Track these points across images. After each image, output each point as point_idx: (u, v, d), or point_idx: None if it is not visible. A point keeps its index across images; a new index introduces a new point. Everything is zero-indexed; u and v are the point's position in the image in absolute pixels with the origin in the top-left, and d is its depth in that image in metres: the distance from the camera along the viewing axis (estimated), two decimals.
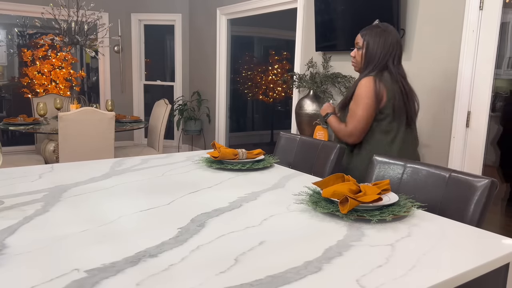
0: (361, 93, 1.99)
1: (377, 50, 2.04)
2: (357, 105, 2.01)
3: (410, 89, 2.07)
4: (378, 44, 2.04)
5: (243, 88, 6.50)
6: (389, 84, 2.00)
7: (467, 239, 1.04)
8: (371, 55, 2.05)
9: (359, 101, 2.00)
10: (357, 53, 2.11)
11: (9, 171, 1.57)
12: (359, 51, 2.10)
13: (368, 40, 2.07)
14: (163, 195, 1.32)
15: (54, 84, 5.54)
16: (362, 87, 1.99)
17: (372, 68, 2.04)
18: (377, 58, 2.05)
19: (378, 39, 2.05)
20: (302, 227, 1.08)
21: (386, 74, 2.03)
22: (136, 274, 0.79)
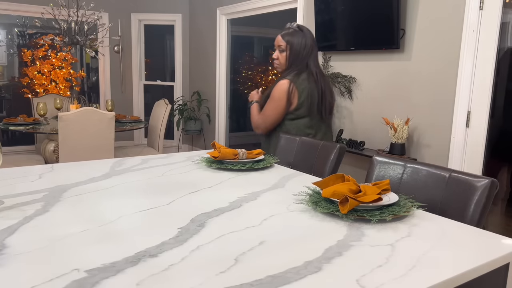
0: (274, 94, 2.17)
1: (300, 52, 2.18)
2: (269, 104, 2.21)
3: (327, 86, 2.24)
4: (301, 46, 2.18)
5: (243, 88, 6.49)
6: (305, 85, 2.15)
7: (467, 239, 1.04)
8: (295, 57, 2.19)
9: (271, 101, 2.20)
10: (280, 55, 2.22)
11: (9, 171, 1.57)
12: (282, 53, 2.21)
13: (291, 42, 2.18)
14: (163, 195, 1.32)
15: (54, 84, 5.54)
16: (276, 89, 2.16)
17: (296, 68, 2.18)
18: (300, 59, 2.19)
19: (299, 41, 2.18)
20: (302, 227, 1.08)
21: (304, 75, 2.17)
22: (136, 274, 0.79)
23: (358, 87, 3.37)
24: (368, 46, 3.20)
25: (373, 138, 3.24)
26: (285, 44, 2.19)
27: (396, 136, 2.84)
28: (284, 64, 2.22)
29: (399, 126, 2.84)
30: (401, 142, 2.84)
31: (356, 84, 3.38)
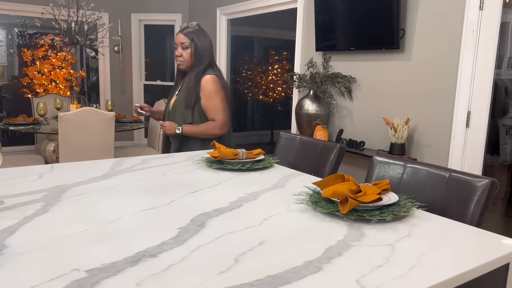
0: (212, 88, 2.21)
1: (206, 49, 2.26)
2: (212, 99, 2.23)
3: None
4: (206, 44, 2.27)
5: (243, 88, 6.49)
6: (224, 78, 2.30)
7: (467, 239, 1.04)
8: (202, 54, 2.25)
9: (214, 95, 2.23)
10: (184, 52, 2.25)
11: (9, 171, 1.57)
12: (185, 50, 2.25)
13: (195, 40, 2.24)
14: (163, 195, 1.32)
15: (54, 84, 5.54)
16: (210, 84, 2.21)
17: (204, 65, 2.25)
18: (207, 56, 2.27)
19: (203, 38, 2.26)
20: (302, 227, 1.08)
21: (216, 71, 2.29)
22: (136, 274, 0.79)
23: (358, 87, 3.37)
24: (368, 46, 3.20)
25: (373, 138, 3.24)
26: (189, 41, 2.23)
27: (396, 136, 2.84)
28: (189, 60, 2.26)
29: (399, 126, 2.84)
30: (401, 142, 2.84)
31: (356, 84, 3.38)
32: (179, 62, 2.28)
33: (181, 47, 2.25)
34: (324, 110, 3.47)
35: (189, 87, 2.25)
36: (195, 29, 2.26)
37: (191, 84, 2.25)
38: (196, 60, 2.25)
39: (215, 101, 2.23)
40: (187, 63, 2.27)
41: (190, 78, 2.26)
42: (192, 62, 2.26)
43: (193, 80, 2.24)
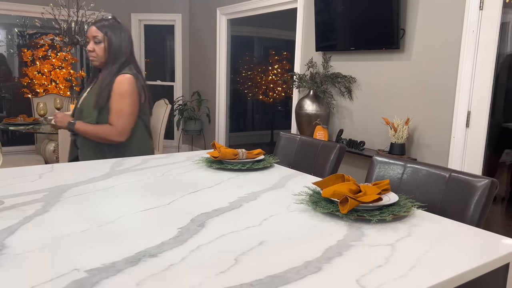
0: (124, 90, 2.00)
1: (123, 44, 2.06)
2: (121, 102, 2.01)
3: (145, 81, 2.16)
4: (123, 39, 2.07)
5: (243, 88, 6.49)
6: (142, 80, 2.09)
7: (467, 239, 1.04)
8: (118, 50, 2.05)
9: (124, 98, 2.01)
10: (97, 47, 2.05)
11: (9, 171, 1.57)
12: (98, 45, 2.05)
13: (109, 34, 2.04)
14: (163, 195, 1.32)
15: (54, 84, 5.53)
16: (124, 85, 2.00)
17: (120, 63, 2.05)
18: (123, 52, 2.06)
19: (119, 33, 2.06)
20: (302, 227, 1.08)
21: (134, 70, 2.08)
22: (136, 274, 0.79)
23: (358, 87, 3.37)
24: (368, 46, 3.20)
25: (373, 138, 3.24)
26: (102, 35, 2.03)
27: (396, 136, 2.84)
28: (102, 56, 2.06)
29: (399, 126, 2.84)
30: (401, 142, 2.84)
31: (356, 84, 3.38)
32: (92, 58, 2.07)
33: (94, 41, 2.04)
34: (324, 110, 3.47)
35: (102, 85, 2.03)
36: (110, 22, 2.07)
37: (104, 82, 2.03)
38: (110, 56, 2.04)
39: (123, 104, 2.01)
40: (101, 59, 2.06)
41: (104, 76, 2.05)
42: (106, 58, 2.05)
43: (107, 79, 2.03)
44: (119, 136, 2.01)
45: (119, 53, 2.05)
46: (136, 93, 2.03)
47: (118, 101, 2.01)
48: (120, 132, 2.01)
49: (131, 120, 2.04)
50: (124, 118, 2.01)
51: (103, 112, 2.02)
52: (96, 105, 2.01)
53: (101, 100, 2.01)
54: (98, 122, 2.02)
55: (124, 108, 2.01)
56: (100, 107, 2.01)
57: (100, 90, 2.02)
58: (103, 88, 2.01)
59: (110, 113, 2.01)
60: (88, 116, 2.04)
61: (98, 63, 2.08)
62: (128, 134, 2.04)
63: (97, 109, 2.02)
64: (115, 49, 2.04)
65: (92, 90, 2.09)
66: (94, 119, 2.02)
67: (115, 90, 2.00)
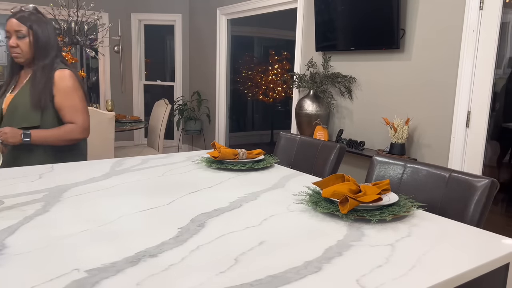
0: (69, 85, 1.89)
1: (51, 37, 1.92)
2: (71, 98, 1.89)
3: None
4: (50, 31, 1.92)
5: (243, 88, 6.50)
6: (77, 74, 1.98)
7: (467, 239, 1.04)
8: (47, 44, 1.90)
9: (72, 93, 1.90)
10: (21, 42, 1.86)
11: (9, 171, 1.57)
12: (22, 39, 1.85)
13: (35, 27, 1.86)
14: (163, 195, 1.32)
15: None
16: (67, 80, 1.88)
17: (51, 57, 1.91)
18: (52, 46, 1.92)
19: (45, 25, 1.91)
20: (302, 227, 1.08)
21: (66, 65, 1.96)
22: (136, 274, 0.79)
23: (358, 87, 3.37)
24: (368, 46, 3.20)
25: (373, 138, 3.24)
26: (26, 28, 1.84)
27: (396, 136, 2.84)
28: (28, 52, 1.87)
29: (399, 126, 2.84)
30: (401, 142, 2.84)
31: (356, 84, 3.38)
32: (16, 55, 1.88)
33: (16, 36, 1.85)
34: (324, 110, 3.47)
35: (38, 84, 1.85)
36: (33, 13, 1.88)
37: (40, 80, 1.86)
38: (39, 52, 1.88)
39: (74, 100, 1.89)
40: (26, 55, 1.88)
41: (36, 74, 1.87)
42: (33, 54, 1.88)
43: (41, 76, 1.86)
44: (83, 132, 1.93)
45: (48, 47, 1.90)
46: (80, 87, 1.94)
47: (67, 98, 1.89)
48: (83, 128, 1.93)
49: (87, 114, 1.96)
50: (82, 113, 1.93)
51: (47, 112, 1.88)
52: (37, 105, 1.84)
53: (43, 99, 1.85)
54: (42, 124, 1.87)
55: (77, 104, 1.91)
56: (43, 107, 1.85)
57: (37, 89, 1.85)
58: (42, 86, 1.85)
59: (64, 112, 1.89)
60: (25, 119, 1.85)
61: (23, 60, 1.89)
62: (89, 129, 1.97)
63: (40, 110, 1.85)
64: (43, 44, 1.88)
65: (23, 90, 1.89)
66: (37, 121, 1.86)
67: (59, 87, 1.87)
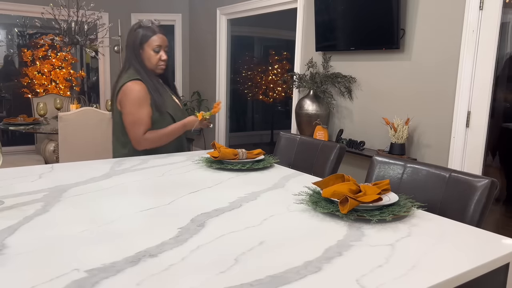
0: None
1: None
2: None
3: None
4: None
5: (243, 88, 6.49)
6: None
7: (467, 239, 1.04)
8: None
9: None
10: (166, 55, 2.08)
11: (9, 171, 1.57)
12: (167, 52, 2.09)
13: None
14: (163, 195, 1.32)
15: (54, 84, 5.53)
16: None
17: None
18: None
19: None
20: (302, 227, 1.08)
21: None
22: (136, 274, 0.79)
23: (358, 87, 3.37)
24: (368, 46, 3.20)
25: (373, 138, 3.24)
26: (167, 43, 2.10)
27: (396, 136, 2.84)
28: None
29: (399, 126, 2.84)
30: (401, 142, 2.84)
31: (356, 84, 3.38)
32: (164, 67, 2.08)
33: (165, 50, 2.07)
34: (324, 110, 3.47)
35: (172, 82, 2.22)
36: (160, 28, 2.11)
37: (174, 85, 2.23)
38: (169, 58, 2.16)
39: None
40: (167, 64, 2.12)
41: (170, 81, 2.21)
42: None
43: (170, 76, 2.22)
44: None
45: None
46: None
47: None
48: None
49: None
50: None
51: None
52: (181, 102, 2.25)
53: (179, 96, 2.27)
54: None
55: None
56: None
57: (176, 89, 2.26)
58: (176, 90, 2.25)
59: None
60: (185, 114, 2.20)
61: (164, 71, 2.11)
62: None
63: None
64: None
65: (174, 93, 2.20)
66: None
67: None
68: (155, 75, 2.07)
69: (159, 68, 2.06)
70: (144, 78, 2.00)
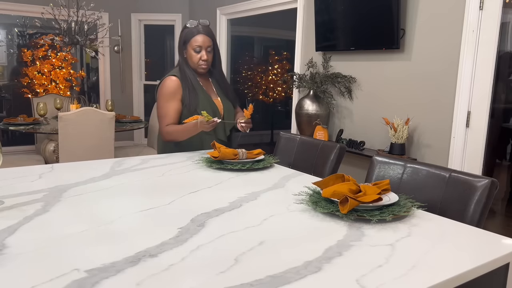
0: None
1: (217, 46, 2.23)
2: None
3: None
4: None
5: (243, 88, 6.49)
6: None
7: (467, 239, 1.04)
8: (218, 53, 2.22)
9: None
10: (209, 55, 2.13)
11: (9, 171, 1.57)
12: (210, 53, 2.13)
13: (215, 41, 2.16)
14: (163, 195, 1.32)
15: (54, 84, 5.54)
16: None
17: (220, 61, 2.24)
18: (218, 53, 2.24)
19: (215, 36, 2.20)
20: (302, 227, 1.08)
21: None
22: (136, 274, 0.79)
23: (358, 87, 3.37)
24: (368, 46, 3.19)
25: (373, 138, 3.24)
26: (212, 43, 2.12)
27: (396, 136, 2.84)
28: (210, 62, 2.16)
29: (399, 126, 2.84)
30: (401, 142, 2.84)
31: (356, 84, 3.38)
32: (205, 66, 2.13)
33: (206, 51, 2.10)
34: (324, 110, 3.47)
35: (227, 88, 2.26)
36: (210, 28, 2.15)
37: (226, 85, 2.26)
38: (215, 60, 2.20)
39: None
40: (209, 65, 2.16)
41: (220, 80, 2.24)
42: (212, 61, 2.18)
43: (224, 81, 2.26)
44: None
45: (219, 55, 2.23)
46: None
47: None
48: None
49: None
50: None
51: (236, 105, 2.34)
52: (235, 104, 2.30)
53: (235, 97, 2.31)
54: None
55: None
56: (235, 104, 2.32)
57: (230, 91, 2.28)
58: (230, 89, 2.29)
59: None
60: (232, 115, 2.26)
61: (206, 70, 2.16)
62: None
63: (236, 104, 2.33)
64: (218, 53, 2.21)
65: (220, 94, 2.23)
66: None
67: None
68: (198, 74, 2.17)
69: (200, 67, 2.12)
70: (183, 76, 2.11)
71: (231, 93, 2.28)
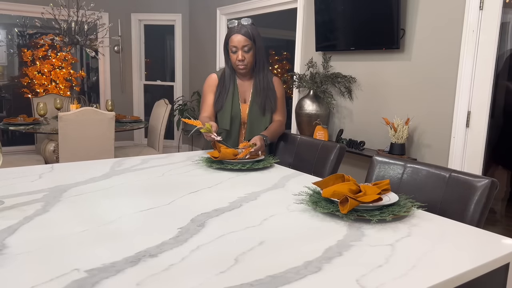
0: (282, 90, 2.23)
1: (263, 47, 2.15)
2: (283, 100, 2.25)
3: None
4: (262, 42, 2.13)
5: None
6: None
7: (467, 239, 1.04)
8: (263, 54, 2.15)
9: (283, 97, 2.25)
10: (247, 55, 2.08)
11: (9, 171, 1.57)
12: (248, 53, 2.08)
13: (256, 40, 2.08)
14: (163, 195, 1.32)
15: (54, 84, 5.54)
16: (281, 85, 2.23)
17: (264, 64, 2.16)
18: (265, 55, 2.18)
19: (260, 37, 2.11)
20: (302, 227, 1.08)
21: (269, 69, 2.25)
22: (136, 274, 0.79)
23: (358, 87, 3.37)
24: (368, 46, 3.19)
25: (373, 138, 3.24)
26: (251, 43, 2.06)
27: (396, 136, 2.84)
28: (251, 63, 2.11)
29: (399, 126, 2.84)
30: (401, 142, 2.84)
31: (356, 84, 3.38)
32: (243, 67, 2.09)
33: (244, 51, 2.06)
34: (324, 110, 3.47)
35: (265, 91, 2.14)
36: (253, 27, 2.08)
37: (266, 87, 2.14)
38: (258, 62, 2.12)
39: (284, 102, 2.24)
40: (249, 66, 2.11)
41: (260, 81, 2.14)
42: (253, 64, 2.12)
43: (264, 83, 2.14)
44: (284, 126, 2.24)
45: (262, 56, 2.14)
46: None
47: (281, 100, 2.22)
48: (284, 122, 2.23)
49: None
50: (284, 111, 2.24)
51: (269, 114, 2.18)
52: (269, 110, 2.16)
53: (273, 104, 2.17)
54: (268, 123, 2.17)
55: (284, 104, 2.25)
56: (272, 111, 2.18)
57: (265, 96, 2.14)
58: (267, 93, 2.15)
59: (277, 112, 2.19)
60: (263, 124, 2.16)
61: (246, 70, 2.13)
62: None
63: (269, 114, 2.17)
64: (261, 54, 2.12)
65: (253, 99, 2.15)
66: (267, 123, 2.16)
67: (278, 91, 2.20)
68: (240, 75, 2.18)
69: (238, 67, 2.12)
70: (222, 75, 2.18)
71: (270, 102, 2.15)
